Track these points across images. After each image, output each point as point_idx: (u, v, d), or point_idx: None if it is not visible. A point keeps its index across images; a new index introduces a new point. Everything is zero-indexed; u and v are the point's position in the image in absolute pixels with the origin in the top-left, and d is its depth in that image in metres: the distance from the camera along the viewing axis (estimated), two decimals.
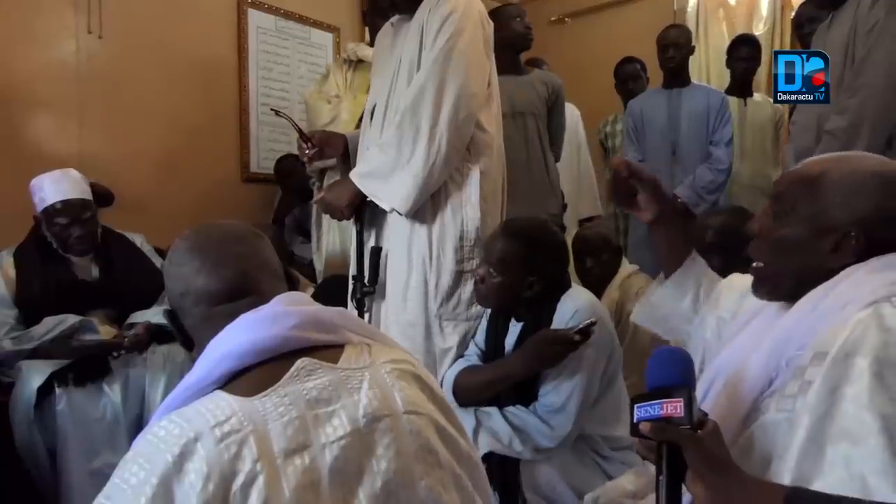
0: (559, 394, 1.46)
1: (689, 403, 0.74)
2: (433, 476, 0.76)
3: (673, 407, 0.74)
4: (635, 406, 0.76)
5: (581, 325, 1.41)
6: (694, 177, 2.65)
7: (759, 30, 3.65)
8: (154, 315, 2.07)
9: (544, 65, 3.13)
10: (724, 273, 1.24)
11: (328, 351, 0.78)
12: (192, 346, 0.86)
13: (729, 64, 3.11)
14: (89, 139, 2.78)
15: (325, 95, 2.77)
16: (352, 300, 1.80)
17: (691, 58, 2.92)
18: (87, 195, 2.09)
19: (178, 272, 0.84)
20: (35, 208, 2.07)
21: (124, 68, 2.88)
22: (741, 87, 3.04)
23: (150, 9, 2.96)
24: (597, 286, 2.27)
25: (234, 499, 0.65)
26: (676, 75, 2.79)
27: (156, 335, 2.04)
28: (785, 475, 0.74)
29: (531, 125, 2.62)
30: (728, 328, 1.07)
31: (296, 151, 3.17)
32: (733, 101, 2.90)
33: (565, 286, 1.59)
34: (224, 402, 0.70)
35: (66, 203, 2.03)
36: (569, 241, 2.58)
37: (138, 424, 1.89)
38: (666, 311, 1.22)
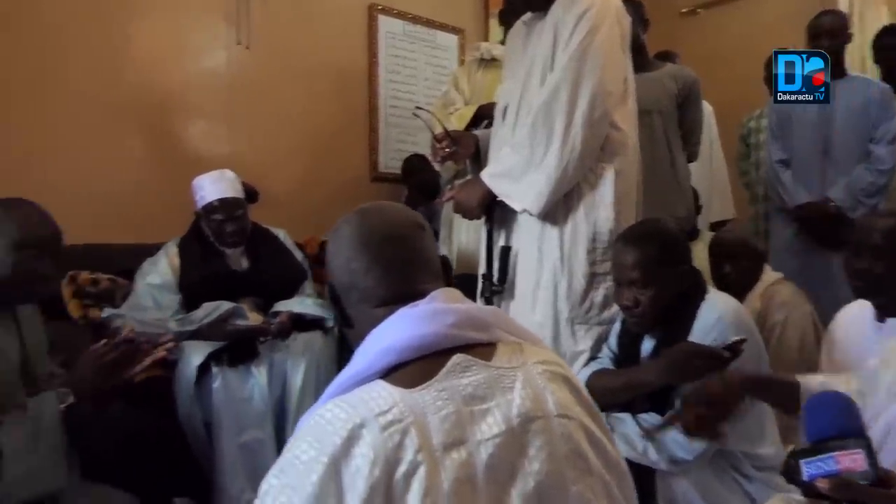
0: None
1: (871, 455, 0.67)
2: (584, 482, 0.75)
3: (852, 460, 0.67)
4: (801, 462, 0.69)
5: (730, 342, 1.33)
6: (851, 178, 2.42)
7: None
8: (295, 305, 2.22)
9: (676, 58, 2.99)
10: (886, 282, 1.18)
11: (481, 349, 0.79)
12: (352, 325, 0.89)
13: (875, 57, 2.82)
14: (237, 142, 3.02)
15: (450, 109, 2.78)
16: (480, 298, 1.82)
17: (847, 47, 2.67)
18: (240, 194, 2.27)
19: (346, 266, 0.86)
20: (196, 205, 2.28)
21: (268, 76, 3.09)
22: (892, 80, 2.75)
23: (292, 20, 3.16)
24: (735, 295, 2.13)
25: (396, 486, 0.67)
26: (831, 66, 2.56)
27: (297, 323, 2.18)
28: None
29: (657, 123, 2.51)
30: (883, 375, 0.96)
31: (421, 151, 3.30)
32: None
33: (703, 288, 1.51)
34: (385, 392, 0.72)
35: (223, 201, 2.21)
36: (701, 247, 2.46)
37: (280, 406, 2.04)
38: None
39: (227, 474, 1.90)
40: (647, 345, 1.53)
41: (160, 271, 2.17)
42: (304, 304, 2.23)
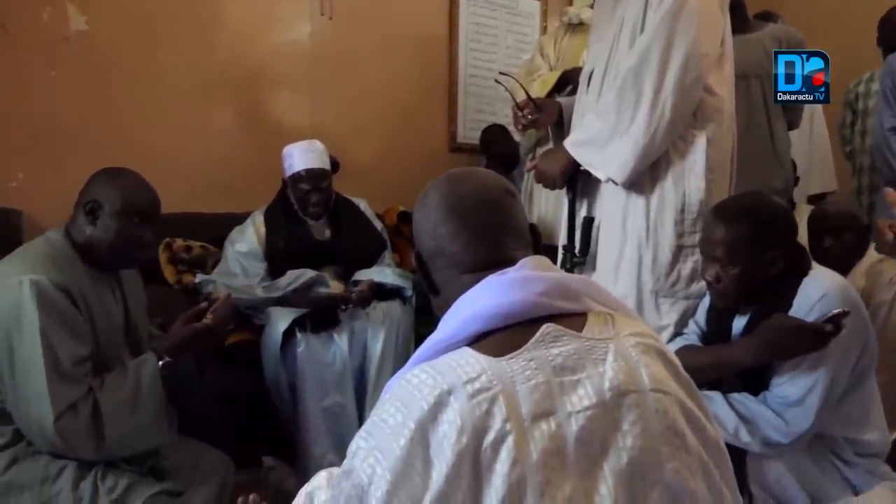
0: (797, 385, 1.31)
1: None
2: (680, 460, 0.72)
3: None
4: None
5: (831, 314, 1.24)
6: None
7: None
8: (375, 274, 2.26)
9: (779, 18, 2.77)
10: None
11: (571, 319, 0.76)
12: (438, 293, 0.88)
13: None
14: (319, 113, 3.06)
15: (533, 76, 2.70)
16: (560, 270, 1.78)
17: None
18: (326, 165, 2.32)
19: (434, 231, 0.85)
20: (284, 172, 2.34)
21: (349, 47, 3.11)
22: None
23: None
24: (837, 271, 1.99)
25: (484, 454, 0.66)
26: None
27: (377, 292, 2.22)
28: None
29: (755, 88, 2.34)
30: None
31: (500, 121, 3.24)
32: None
33: (806, 265, 1.41)
34: (473, 360, 0.71)
35: (309, 171, 2.26)
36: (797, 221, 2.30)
37: (360, 372, 2.09)
38: None
39: (310, 436, 1.98)
40: (739, 322, 1.45)
41: (247, 239, 2.26)
42: (383, 273, 2.27)
